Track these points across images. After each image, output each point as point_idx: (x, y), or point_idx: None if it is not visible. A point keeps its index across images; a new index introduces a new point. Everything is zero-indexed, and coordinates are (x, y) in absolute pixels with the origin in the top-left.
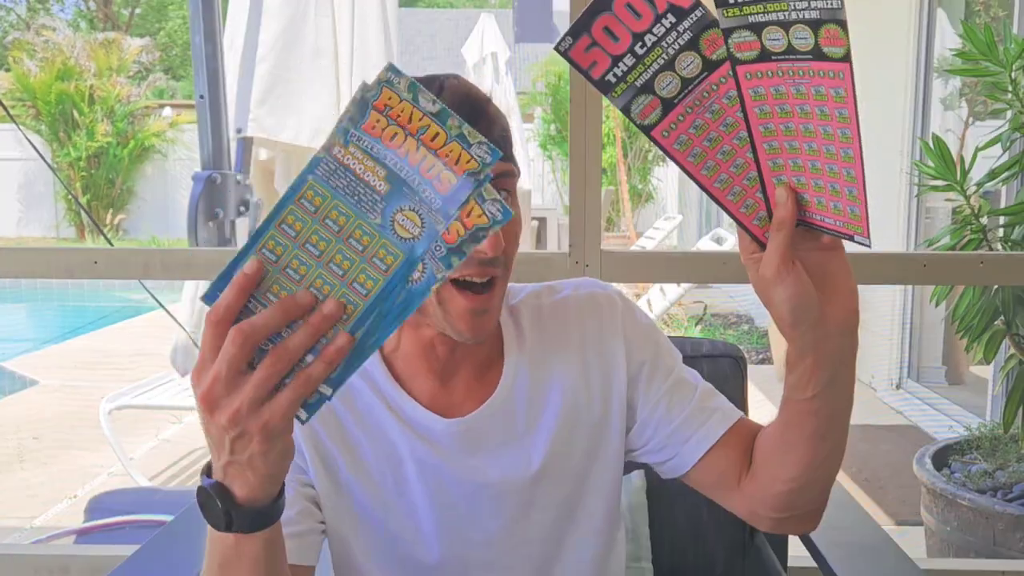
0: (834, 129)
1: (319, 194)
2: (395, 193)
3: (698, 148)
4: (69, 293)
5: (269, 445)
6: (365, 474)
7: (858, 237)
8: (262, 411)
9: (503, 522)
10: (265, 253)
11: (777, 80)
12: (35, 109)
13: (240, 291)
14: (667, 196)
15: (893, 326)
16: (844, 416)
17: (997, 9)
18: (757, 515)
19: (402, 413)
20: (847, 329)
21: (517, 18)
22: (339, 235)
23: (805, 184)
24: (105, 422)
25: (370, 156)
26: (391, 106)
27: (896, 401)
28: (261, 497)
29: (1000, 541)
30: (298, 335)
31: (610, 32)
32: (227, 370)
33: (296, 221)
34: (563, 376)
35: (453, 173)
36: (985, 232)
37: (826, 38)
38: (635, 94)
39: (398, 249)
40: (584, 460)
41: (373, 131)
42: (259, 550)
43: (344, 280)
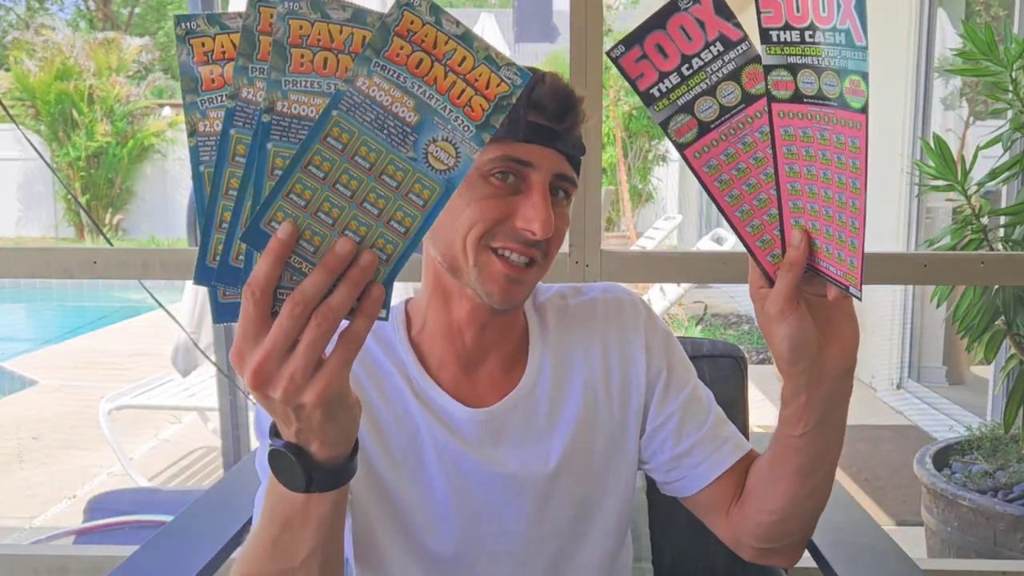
0: (846, 178)
1: (345, 130)
2: (426, 123)
3: (726, 175)
4: (69, 293)
5: (331, 409)
6: (388, 452)
7: (852, 289)
8: (317, 378)
9: (519, 515)
10: (293, 199)
11: (806, 123)
12: (34, 109)
13: (277, 259)
14: (667, 196)
15: (893, 326)
16: (832, 456)
17: (997, 9)
18: (740, 543)
19: (427, 398)
20: (843, 373)
21: (517, 18)
22: (371, 172)
23: (818, 230)
24: (105, 422)
25: (397, 86)
26: (414, 31)
27: (896, 401)
28: (338, 454)
29: (1001, 541)
30: (339, 292)
31: (661, 49)
32: (282, 343)
33: (324, 161)
34: (585, 375)
35: (484, 98)
36: (986, 232)
37: (849, 88)
38: (675, 111)
39: (434, 182)
40: (601, 460)
41: (397, 59)
42: (327, 510)
43: (380, 219)
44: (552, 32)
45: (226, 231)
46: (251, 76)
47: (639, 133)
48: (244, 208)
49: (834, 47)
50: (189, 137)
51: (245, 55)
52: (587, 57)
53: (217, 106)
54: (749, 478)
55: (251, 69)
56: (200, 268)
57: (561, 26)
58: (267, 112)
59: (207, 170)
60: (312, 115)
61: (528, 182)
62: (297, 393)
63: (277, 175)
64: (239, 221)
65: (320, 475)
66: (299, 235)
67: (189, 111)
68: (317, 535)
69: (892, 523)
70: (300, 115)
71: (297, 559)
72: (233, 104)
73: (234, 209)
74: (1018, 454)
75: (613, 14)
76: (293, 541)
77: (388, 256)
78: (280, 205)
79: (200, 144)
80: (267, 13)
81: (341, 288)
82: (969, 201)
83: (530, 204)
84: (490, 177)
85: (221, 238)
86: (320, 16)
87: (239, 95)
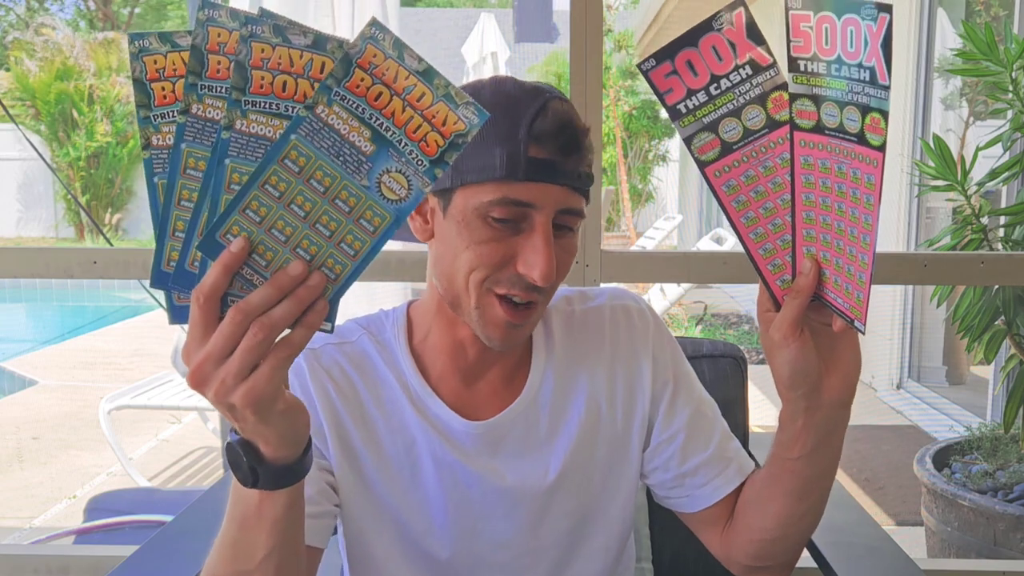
0: (860, 213)
1: (303, 154)
2: (381, 154)
3: (744, 196)
4: (69, 293)
5: (262, 412)
6: (383, 461)
7: (856, 323)
8: (247, 382)
9: (517, 527)
10: (249, 214)
11: (825, 154)
12: (35, 109)
13: (226, 269)
14: (667, 196)
15: (893, 326)
16: (826, 480)
17: (997, 9)
18: (730, 559)
19: (425, 408)
20: (841, 402)
21: (517, 18)
22: (325, 196)
23: (828, 261)
24: (105, 422)
25: (354, 115)
26: (376, 64)
27: (896, 401)
28: (285, 454)
29: (1001, 541)
30: (283, 306)
31: (691, 66)
32: (221, 347)
33: (280, 182)
34: (589, 386)
35: (440, 135)
36: (986, 232)
37: (870, 125)
38: (700, 129)
39: (385, 211)
40: (602, 472)
41: (357, 90)
42: (281, 512)
43: (332, 240)
44: (552, 32)
45: (181, 239)
46: (200, 93)
47: (639, 133)
48: (201, 218)
49: (858, 83)
50: (143, 150)
51: (194, 73)
52: (587, 57)
53: (169, 121)
54: (743, 495)
55: (200, 87)
56: (155, 272)
57: (561, 26)
58: (226, 129)
59: (160, 181)
60: (269, 135)
61: (530, 222)
62: (227, 394)
63: (234, 189)
64: (195, 230)
65: (266, 472)
66: (252, 249)
67: (143, 126)
68: (272, 537)
69: (892, 523)
70: (258, 134)
71: (254, 561)
72: (184, 120)
73: (190, 219)
74: (1018, 454)
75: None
76: (249, 542)
77: (336, 276)
78: (236, 219)
79: (154, 157)
80: (215, 32)
81: (286, 303)
82: (969, 201)
83: (531, 248)
84: (489, 218)
85: (175, 245)
86: (281, 40)
87: (189, 111)
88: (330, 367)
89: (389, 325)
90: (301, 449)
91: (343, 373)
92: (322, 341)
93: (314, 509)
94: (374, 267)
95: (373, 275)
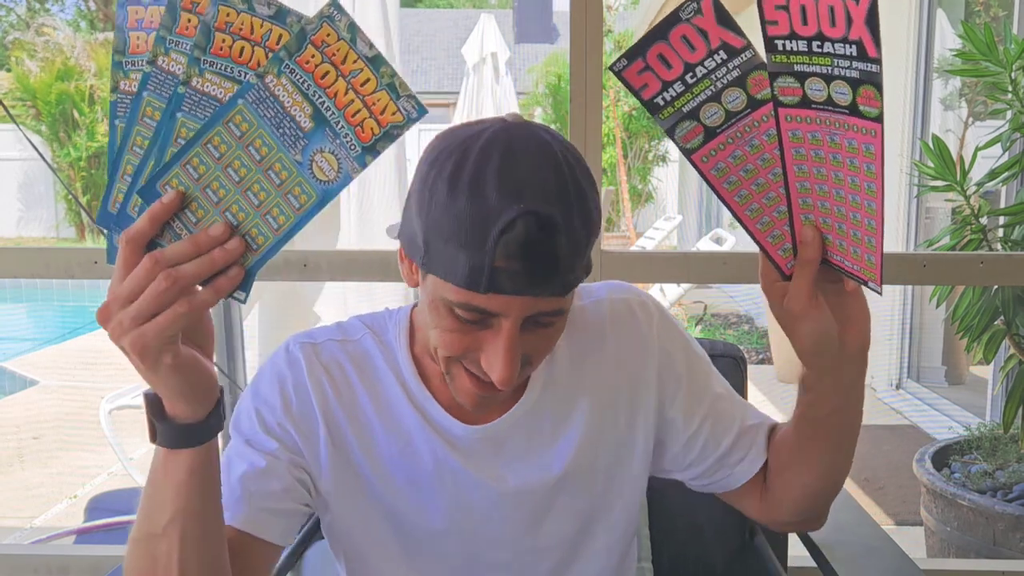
0: (861, 181)
1: (247, 120)
2: (318, 133)
3: (734, 177)
4: (69, 293)
5: (148, 361)
6: (378, 461)
7: (871, 284)
8: (142, 328)
9: (518, 528)
10: (189, 170)
11: (815, 127)
12: (35, 109)
13: (153, 219)
14: (667, 196)
15: (893, 326)
16: (857, 428)
17: (997, 9)
18: (772, 518)
19: (426, 413)
20: (861, 352)
21: (517, 18)
22: (260, 164)
23: (830, 226)
24: (105, 422)
25: (300, 90)
26: (328, 43)
27: (896, 401)
28: (184, 413)
29: (1000, 541)
30: (194, 263)
31: (664, 59)
32: (128, 290)
33: (222, 143)
34: (591, 386)
35: (377, 123)
36: (985, 232)
37: (863, 97)
38: (681, 119)
39: (313, 189)
40: (605, 474)
41: (307, 66)
42: (183, 475)
43: (259, 210)
44: (552, 32)
45: (128, 183)
46: (168, 47)
47: (639, 133)
48: (147, 166)
49: (844, 58)
50: (111, 92)
51: (166, 27)
52: (587, 57)
53: (137, 69)
54: (774, 460)
55: (168, 41)
56: (101, 211)
57: (561, 26)
58: (183, 84)
59: (120, 125)
60: (221, 96)
61: (497, 322)
62: (120, 336)
63: (180, 143)
64: (140, 177)
65: (164, 429)
66: (186, 204)
67: (115, 70)
68: (175, 501)
69: (892, 523)
70: (210, 94)
71: (160, 524)
72: (149, 69)
73: (138, 165)
74: (1017, 454)
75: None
76: (156, 503)
77: (258, 247)
78: (177, 172)
79: (119, 101)
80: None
81: (198, 261)
82: (968, 201)
83: (493, 351)
84: (455, 313)
85: (122, 188)
86: (247, 8)
87: (156, 62)
88: (329, 364)
89: (392, 327)
90: (203, 412)
91: (342, 371)
92: (325, 337)
93: (275, 505)
94: (374, 267)
95: (373, 275)
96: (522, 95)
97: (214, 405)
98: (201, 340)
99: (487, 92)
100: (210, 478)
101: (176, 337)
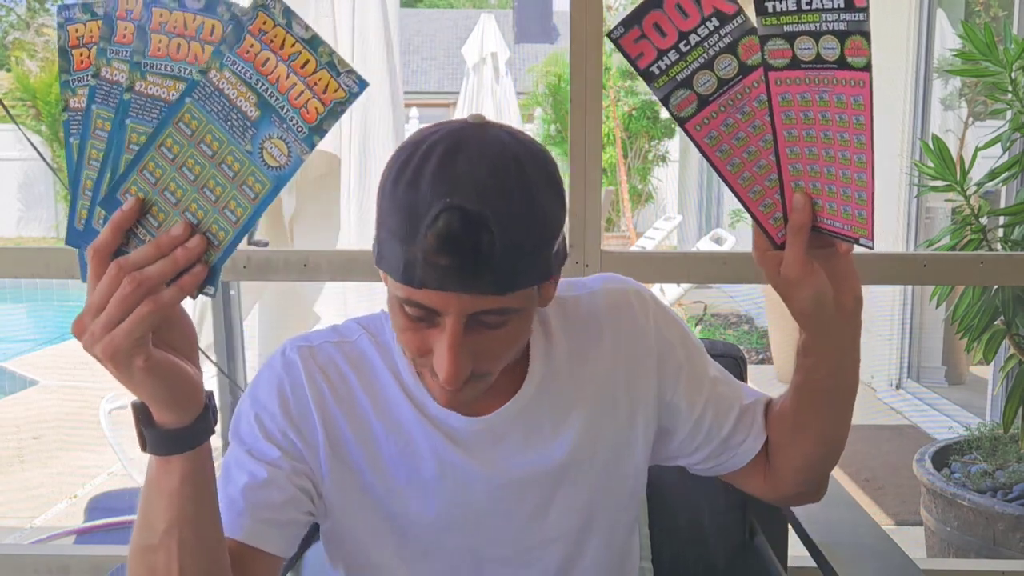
0: (850, 136)
1: (195, 117)
2: (265, 120)
3: (726, 145)
4: (69, 293)
5: (120, 366)
6: (379, 461)
7: (863, 240)
8: (111, 334)
9: (522, 522)
10: (146, 175)
11: (804, 87)
12: (35, 109)
13: (116, 228)
14: (667, 196)
15: (893, 326)
16: (854, 389)
17: (997, 9)
18: (778, 493)
19: (424, 408)
20: (855, 313)
21: (517, 18)
22: (212, 160)
23: (820, 190)
24: (105, 422)
25: (243, 81)
26: (265, 31)
27: (896, 401)
28: (169, 419)
29: (1000, 541)
30: (157, 264)
31: (659, 28)
32: (99, 300)
33: (174, 144)
34: (591, 378)
35: (321, 102)
36: (985, 232)
37: (851, 48)
38: (675, 87)
39: (266, 177)
40: (606, 465)
41: (247, 56)
42: (176, 483)
43: (216, 206)
44: (552, 32)
45: (90, 198)
46: (109, 57)
47: (639, 133)
48: (104, 177)
49: (832, 12)
50: (62, 112)
51: (105, 38)
52: (587, 57)
53: (84, 84)
54: (774, 434)
55: (108, 51)
56: (69, 230)
57: (561, 26)
58: (128, 91)
59: (75, 142)
60: (165, 96)
61: (442, 320)
62: (92, 345)
63: (133, 149)
64: (100, 189)
65: (152, 436)
66: (146, 210)
67: (63, 90)
68: (170, 510)
69: (891, 523)
70: (155, 96)
71: (156, 534)
72: (95, 83)
73: (96, 178)
74: (1017, 454)
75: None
76: (152, 512)
77: (219, 242)
78: (135, 179)
79: (71, 119)
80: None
81: (161, 262)
82: (968, 201)
83: (439, 351)
84: (404, 309)
85: (85, 204)
86: (178, 5)
87: (99, 74)
88: (326, 365)
89: (388, 327)
90: (189, 417)
91: (339, 372)
92: (321, 339)
93: (277, 516)
94: (374, 267)
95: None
96: (522, 95)
97: (201, 410)
98: (179, 343)
99: (487, 92)
100: (204, 484)
101: (145, 339)
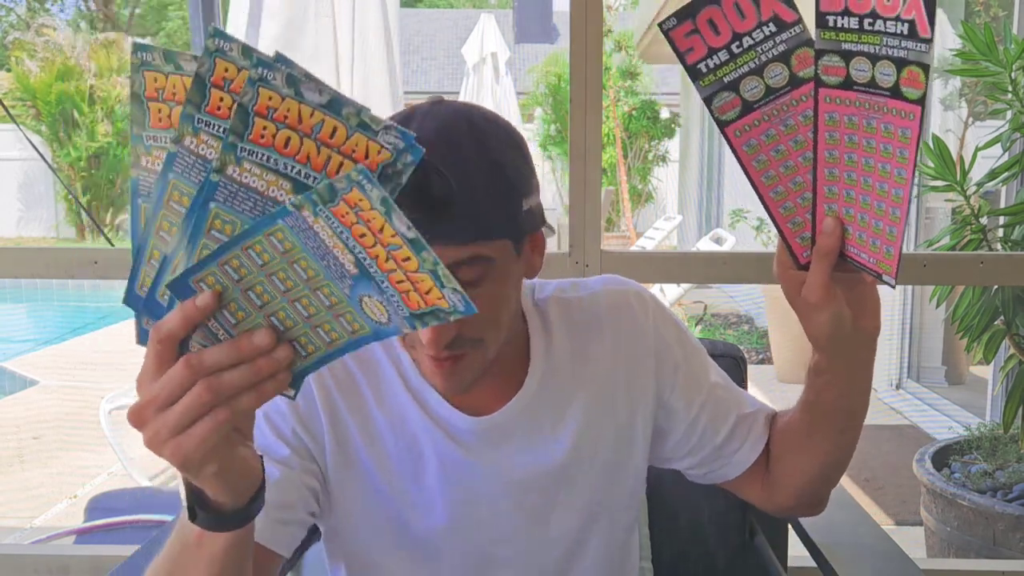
0: (892, 168)
1: (288, 239)
2: (363, 281)
3: (764, 156)
4: (69, 293)
5: (190, 471)
6: (384, 459)
7: (885, 277)
8: (179, 439)
9: (524, 522)
10: (228, 270)
11: (853, 110)
12: (35, 109)
13: (186, 320)
14: (667, 196)
15: (893, 326)
16: (864, 410)
17: (997, 9)
18: (775, 504)
19: (427, 407)
20: (872, 339)
21: (517, 18)
22: (307, 283)
23: (852, 217)
24: (105, 422)
25: (338, 238)
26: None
27: (896, 401)
28: (226, 503)
29: (1000, 541)
30: (238, 371)
31: (713, 25)
32: (165, 396)
33: (264, 252)
34: (591, 378)
35: (423, 301)
36: (985, 232)
37: (907, 78)
38: (720, 88)
39: (366, 324)
40: (607, 464)
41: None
42: (220, 551)
43: (309, 322)
44: (552, 32)
45: (156, 268)
46: (196, 127)
47: (639, 133)
48: (176, 256)
49: (894, 37)
50: (132, 168)
51: (194, 104)
52: (587, 57)
53: (160, 145)
54: (777, 447)
55: (197, 120)
56: (129, 292)
57: (561, 27)
58: (217, 172)
59: (144, 204)
60: (262, 188)
61: None
62: (159, 446)
63: (214, 235)
64: (168, 266)
65: (204, 513)
66: (224, 304)
67: (135, 143)
68: (208, 570)
69: (891, 523)
70: (249, 185)
71: None
72: (175, 149)
73: (166, 254)
74: (1017, 454)
75: (613, 15)
76: (183, 568)
77: (308, 353)
78: (214, 270)
79: (141, 178)
80: (222, 66)
81: (242, 370)
82: (968, 201)
83: None
84: None
85: (150, 272)
86: (293, 93)
87: (182, 141)
88: (332, 364)
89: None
90: (246, 498)
91: (346, 370)
92: None
93: (287, 516)
94: None
95: None
96: (522, 95)
97: (258, 487)
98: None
99: (487, 92)
100: (247, 548)
101: (219, 447)
